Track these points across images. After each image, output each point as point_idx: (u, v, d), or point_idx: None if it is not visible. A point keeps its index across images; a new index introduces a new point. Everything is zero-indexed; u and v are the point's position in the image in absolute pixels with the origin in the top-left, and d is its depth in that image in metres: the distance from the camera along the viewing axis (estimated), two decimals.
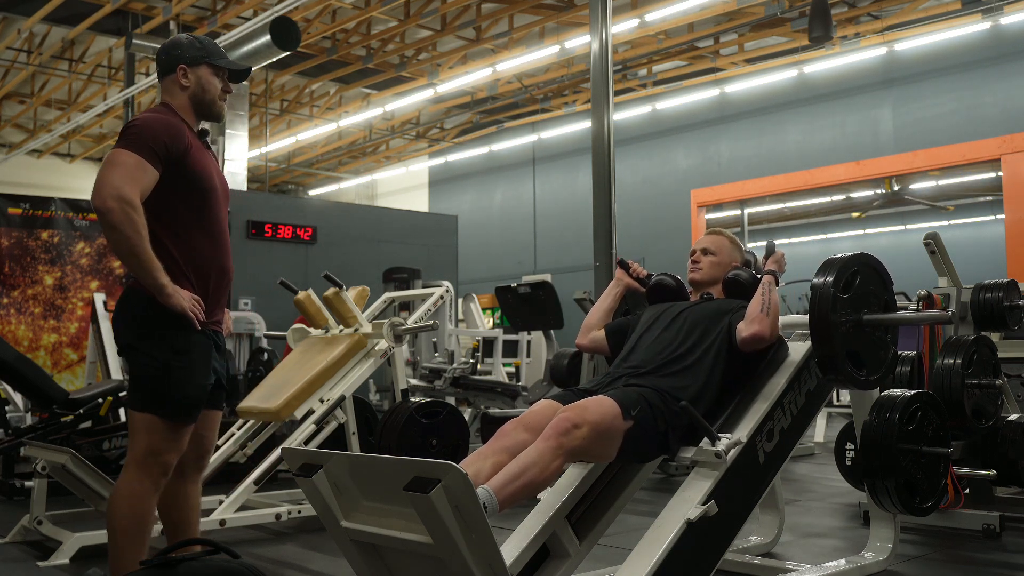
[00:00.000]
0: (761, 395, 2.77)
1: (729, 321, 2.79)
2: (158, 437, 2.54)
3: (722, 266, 3.09)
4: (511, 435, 2.45)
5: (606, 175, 5.93)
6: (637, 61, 12.93)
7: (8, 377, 5.16)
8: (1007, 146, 10.42)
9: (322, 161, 18.75)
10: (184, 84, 2.71)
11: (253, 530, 4.22)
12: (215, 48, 2.79)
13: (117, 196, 2.42)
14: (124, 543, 2.50)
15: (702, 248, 3.13)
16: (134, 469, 2.54)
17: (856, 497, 4.67)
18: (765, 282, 2.82)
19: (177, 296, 2.50)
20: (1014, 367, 4.91)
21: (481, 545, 1.95)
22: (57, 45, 12.49)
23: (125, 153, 2.50)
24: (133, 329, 2.59)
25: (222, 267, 2.72)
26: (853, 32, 11.35)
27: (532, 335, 9.57)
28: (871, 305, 2.80)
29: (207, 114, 2.78)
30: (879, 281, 2.84)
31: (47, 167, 17.50)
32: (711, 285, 3.08)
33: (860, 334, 2.75)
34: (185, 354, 2.56)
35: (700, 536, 2.42)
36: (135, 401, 2.57)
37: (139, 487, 2.52)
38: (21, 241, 8.95)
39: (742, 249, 3.19)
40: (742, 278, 3.02)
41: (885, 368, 2.84)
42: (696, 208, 13.66)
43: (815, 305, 2.70)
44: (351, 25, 11.62)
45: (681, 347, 2.76)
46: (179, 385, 2.55)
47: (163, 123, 2.59)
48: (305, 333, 4.93)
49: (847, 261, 2.77)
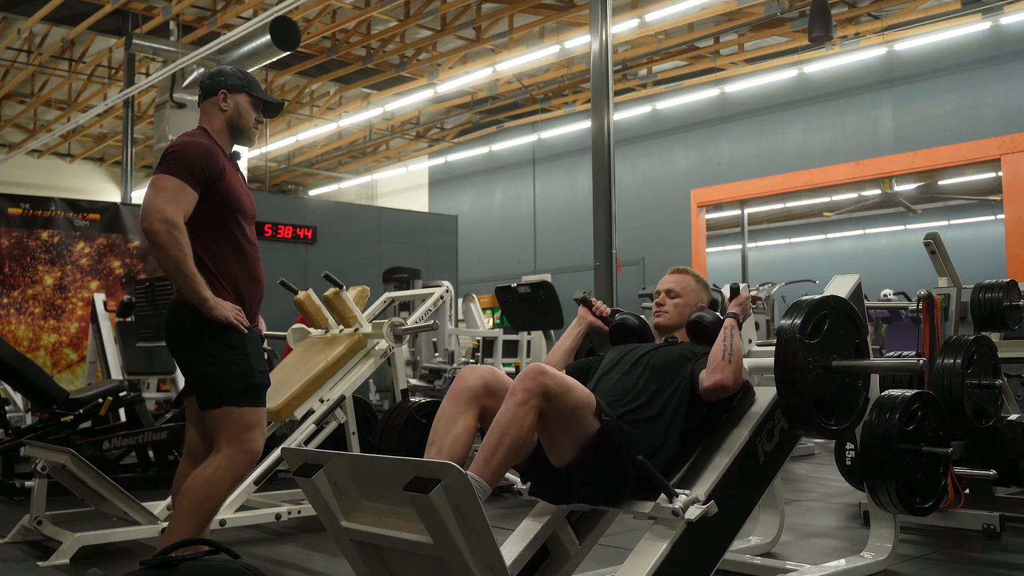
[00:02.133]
0: (723, 448, 2.61)
1: (692, 369, 2.66)
2: (240, 426, 2.73)
3: (687, 308, 2.94)
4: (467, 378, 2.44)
5: (606, 175, 5.93)
6: (637, 61, 12.93)
7: (8, 377, 5.16)
8: (1007, 146, 10.42)
9: (322, 161, 18.74)
10: (223, 107, 2.91)
11: (253, 530, 4.22)
12: (254, 81, 3.01)
13: (163, 219, 2.65)
14: (195, 523, 2.66)
15: (666, 289, 2.99)
16: (221, 457, 2.71)
17: (856, 497, 4.67)
18: (727, 326, 2.67)
19: (220, 307, 2.71)
20: (1014, 367, 4.91)
21: (481, 545, 1.95)
22: (57, 45, 12.48)
23: (167, 178, 2.72)
24: (186, 340, 2.78)
25: (256, 277, 2.92)
26: (853, 32, 11.34)
27: (532, 335, 9.55)
28: (841, 350, 2.64)
29: (240, 139, 2.99)
30: (850, 325, 2.69)
31: (47, 167, 17.49)
32: (676, 329, 2.95)
33: (829, 381, 2.60)
34: (240, 347, 2.77)
35: (700, 536, 2.42)
36: (206, 401, 2.75)
37: (221, 473, 2.70)
38: (21, 241, 8.95)
39: (709, 288, 3.06)
40: (706, 321, 2.86)
41: (856, 416, 2.69)
42: (696, 208, 13.67)
43: (780, 351, 2.56)
44: (351, 25, 11.62)
45: (642, 395, 2.63)
46: (243, 373, 2.76)
47: (200, 147, 2.79)
48: (305, 333, 4.93)
49: (816, 304, 2.62)
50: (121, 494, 3.72)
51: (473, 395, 2.42)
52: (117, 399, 5.52)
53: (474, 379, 2.45)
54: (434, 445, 2.39)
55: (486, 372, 2.48)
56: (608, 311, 3.08)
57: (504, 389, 2.42)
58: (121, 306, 7.41)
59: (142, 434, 5.48)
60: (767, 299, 9.20)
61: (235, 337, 2.75)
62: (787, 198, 15.86)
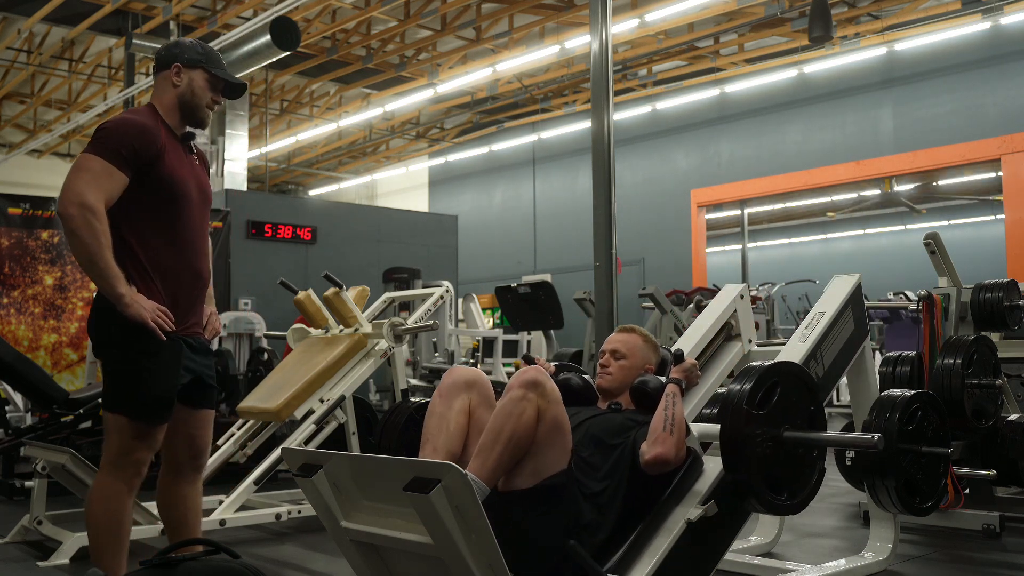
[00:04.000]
0: (664, 529, 2.42)
1: (633, 439, 2.49)
2: (128, 436, 2.55)
3: (633, 370, 2.79)
4: (455, 373, 2.49)
5: (606, 175, 5.92)
6: (637, 61, 12.93)
7: (8, 377, 5.16)
8: (1007, 146, 10.43)
9: (322, 161, 18.74)
10: (175, 82, 2.68)
11: (253, 530, 4.22)
12: (216, 57, 2.76)
13: (79, 202, 2.41)
14: (104, 542, 2.53)
15: (611, 349, 2.84)
16: (108, 469, 2.57)
17: (856, 497, 4.67)
18: (669, 393, 2.50)
19: (136, 306, 2.46)
20: (1014, 367, 4.91)
21: (481, 545, 1.95)
22: (57, 45, 12.48)
23: (93, 158, 2.48)
24: (104, 333, 2.58)
25: (195, 272, 2.69)
26: (853, 32, 11.34)
27: (532, 335, 9.58)
28: (794, 419, 2.49)
29: (191, 119, 2.72)
30: (804, 391, 2.55)
31: (47, 167, 17.48)
32: (620, 393, 2.78)
33: (780, 453, 2.44)
34: (155, 356, 2.54)
35: (700, 536, 2.42)
36: (107, 402, 2.59)
37: (113, 487, 2.55)
38: (21, 241, 8.95)
39: (658, 348, 2.92)
40: (649, 387, 2.69)
41: (810, 491, 2.53)
42: (696, 208, 13.67)
43: (724, 422, 2.40)
44: (351, 25, 11.62)
45: (580, 467, 2.44)
46: (148, 386, 2.55)
47: (136, 126, 2.55)
48: (305, 333, 4.93)
49: (765, 372, 2.48)
50: None
51: (462, 390, 2.46)
52: None
53: (461, 373, 2.51)
54: (428, 443, 2.39)
55: (472, 370, 2.54)
56: (553, 369, 2.90)
57: (488, 386, 2.47)
58: None
59: None
60: (767, 299, 9.22)
61: (153, 344, 2.50)
62: (787, 198, 15.87)
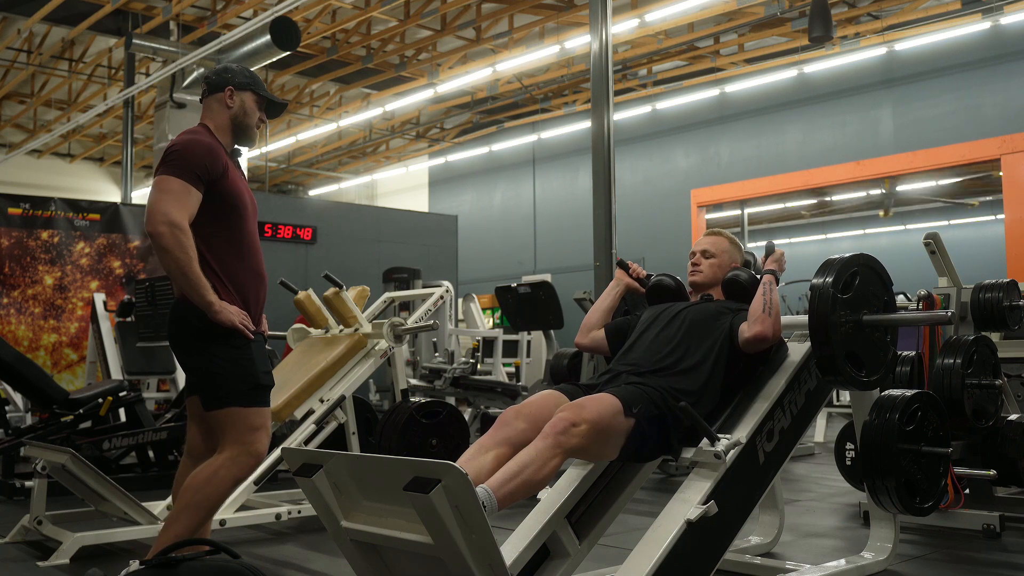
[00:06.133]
0: (761, 395, 2.76)
1: (731, 323, 2.78)
2: (247, 428, 2.70)
3: (722, 267, 3.07)
4: (512, 424, 2.47)
5: (606, 175, 5.93)
6: (637, 61, 12.93)
7: (8, 377, 5.17)
8: (1007, 146, 10.42)
9: (322, 161, 18.74)
10: (229, 104, 2.89)
11: (253, 530, 4.22)
12: (259, 80, 3.00)
13: (168, 221, 2.62)
14: (187, 517, 2.63)
15: (701, 250, 3.12)
16: (224, 458, 2.68)
17: (856, 497, 4.67)
18: (765, 282, 2.80)
19: (226, 312, 2.69)
20: (1014, 367, 4.91)
21: (481, 545, 1.95)
22: (57, 45, 12.48)
23: (171, 180, 2.68)
24: (192, 342, 2.75)
25: (259, 275, 2.91)
26: (853, 32, 11.34)
27: (532, 335, 9.57)
28: (871, 306, 2.78)
29: (243, 137, 2.95)
30: (879, 282, 2.83)
31: (47, 167, 17.49)
32: (711, 287, 3.07)
33: (860, 335, 2.73)
34: (246, 347, 2.75)
35: (700, 536, 2.42)
36: (210, 401, 2.73)
37: (223, 473, 2.67)
38: (21, 241, 8.94)
39: (742, 249, 3.18)
40: (741, 279, 3.00)
41: (885, 368, 2.82)
42: (696, 208, 13.66)
43: (814, 306, 2.68)
44: (351, 25, 11.61)
45: (680, 348, 2.75)
46: (248, 373, 2.74)
47: (204, 146, 2.76)
48: (305, 333, 4.93)
49: (847, 261, 2.75)
50: (121, 494, 3.72)
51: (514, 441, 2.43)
52: (117, 399, 5.52)
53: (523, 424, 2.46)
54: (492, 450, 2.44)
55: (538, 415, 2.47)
56: (644, 273, 3.22)
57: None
58: (121, 306, 7.41)
59: (142, 434, 5.48)
60: None
61: (240, 339, 2.74)
62: (787, 198, 15.85)
